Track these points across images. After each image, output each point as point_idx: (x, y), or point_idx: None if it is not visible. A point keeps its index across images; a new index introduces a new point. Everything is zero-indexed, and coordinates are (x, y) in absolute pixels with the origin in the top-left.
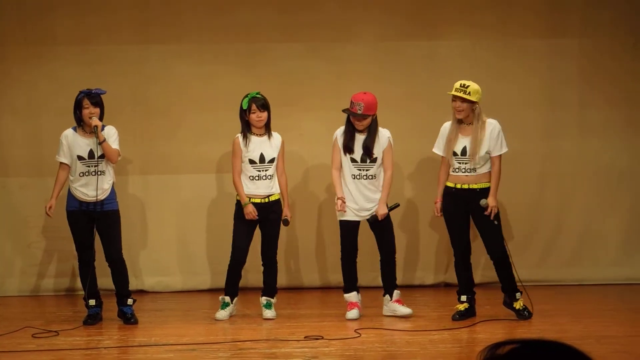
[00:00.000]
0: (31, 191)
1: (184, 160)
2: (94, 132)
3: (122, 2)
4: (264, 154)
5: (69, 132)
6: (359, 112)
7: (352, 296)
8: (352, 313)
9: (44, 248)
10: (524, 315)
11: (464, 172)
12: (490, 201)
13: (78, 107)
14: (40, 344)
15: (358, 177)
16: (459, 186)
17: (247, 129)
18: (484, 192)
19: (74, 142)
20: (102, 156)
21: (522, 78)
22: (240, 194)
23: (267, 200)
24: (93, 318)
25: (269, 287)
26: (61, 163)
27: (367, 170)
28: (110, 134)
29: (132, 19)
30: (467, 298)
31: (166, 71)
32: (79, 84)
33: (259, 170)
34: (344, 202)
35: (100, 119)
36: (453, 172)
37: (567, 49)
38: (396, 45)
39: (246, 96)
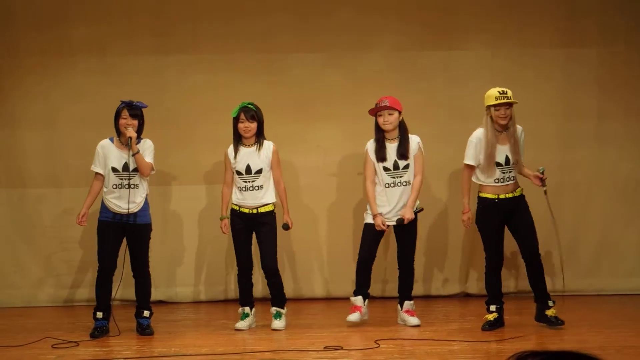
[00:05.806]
0: (48, 202)
1: (200, 170)
2: (127, 143)
3: (138, 12)
4: (251, 164)
5: (105, 142)
6: (386, 104)
7: (358, 300)
8: (353, 316)
9: (63, 259)
10: (556, 323)
11: (508, 181)
12: (538, 173)
13: (117, 117)
14: (60, 354)
15: (392, 185)
16: (502, 196)
17: (237, 139)
18: (524, 198)
19: (109, 153)
20: (135, 169)
21: (540, 87)
22: (222, 206)
23: (255, 211)
24: (100, 331)
25: (276, 298)
26: (96, 173)
27: (400, 177)
28: (146, 147)
29: (148, 29)
30: (496, 308)
31: (181, 80)
32: (95, 93)
33: (246, 182)
34: (384, 221)
35: (139, 132)
36: (495, 182)
37: (585, 58)
38: (413, 55)
39: (238, 105)
